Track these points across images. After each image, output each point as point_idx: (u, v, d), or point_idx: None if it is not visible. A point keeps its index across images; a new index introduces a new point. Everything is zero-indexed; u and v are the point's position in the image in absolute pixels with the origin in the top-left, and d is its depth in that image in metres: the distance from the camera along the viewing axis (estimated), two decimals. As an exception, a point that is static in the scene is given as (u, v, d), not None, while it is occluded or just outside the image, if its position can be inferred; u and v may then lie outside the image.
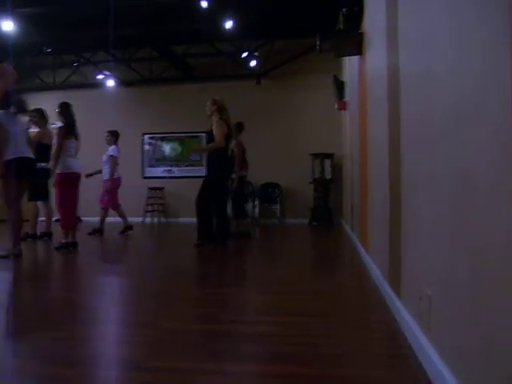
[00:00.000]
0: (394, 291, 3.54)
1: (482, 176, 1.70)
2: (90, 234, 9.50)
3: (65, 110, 7.39)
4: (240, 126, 8.83)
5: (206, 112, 7.64)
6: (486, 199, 1.68)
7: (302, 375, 2.40)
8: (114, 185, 9.75)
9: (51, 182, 7.43)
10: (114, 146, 9.73)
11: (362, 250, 6.23)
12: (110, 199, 9.79)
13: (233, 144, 8.36)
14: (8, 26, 9.50)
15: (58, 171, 7.22)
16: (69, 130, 7.32)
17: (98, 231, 9.61)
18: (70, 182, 7.28)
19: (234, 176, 8.72)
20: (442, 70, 2.19)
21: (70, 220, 7.33)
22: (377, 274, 4.54)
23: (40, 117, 8.37)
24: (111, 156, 9.61)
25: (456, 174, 1.99)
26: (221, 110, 7.55)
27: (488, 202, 1.65)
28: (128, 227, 9.91)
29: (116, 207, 9.94)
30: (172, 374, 2.41)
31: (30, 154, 6.53)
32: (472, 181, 1.80)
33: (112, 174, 9.62)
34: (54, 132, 7.59)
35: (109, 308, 4.03)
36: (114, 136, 9.83)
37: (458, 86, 1.97)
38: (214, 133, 7.40)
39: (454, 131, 2.01)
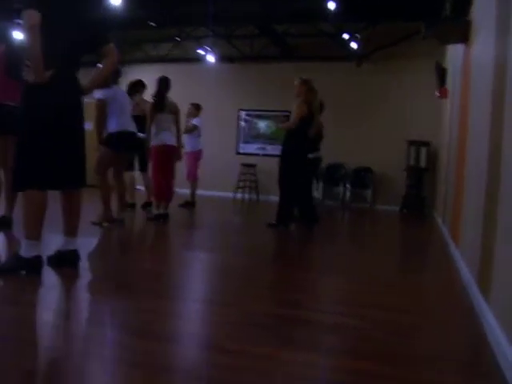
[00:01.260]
0: (482, 294, 3.41)
1: None
2: (181, 206, 9.69)
3: (158, 83, 7.54)
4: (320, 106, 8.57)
5: (294, 91, 7.52)
6: None
7: (369, 372, 2.37)
8: (195, 156, 9.88)
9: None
10: (198, 119, 9.88)
11: (453, 245, 6.04)
12: (189, 170, 9.90)
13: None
14: (116, 0, 9.79)
15: (153, 144, 7.40)
16: (159, 103, 7.45)
17: (190, 204, 9.79)
18: (163, 155, 7.43)
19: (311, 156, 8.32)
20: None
21: (162, 192, 7.51)
22: (465, 272, 4.40)
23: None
24: (196, 125, 9.75)
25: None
26: (309, 90, 7.42)
27: None
28: (192, 203, 9.83)
29: (192, 178, 9.98)
30: (247, 359, 2.44)
31: (132, 128, 6.71)
32: None
33: (192, 145, 9.72)
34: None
35: (193, 285, 4.12)
36: (196, 109, 9.98)
37: None
38: (292, 113, 7.40)
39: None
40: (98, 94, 6.35)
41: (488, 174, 3.62)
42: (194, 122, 9.78)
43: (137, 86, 8.49)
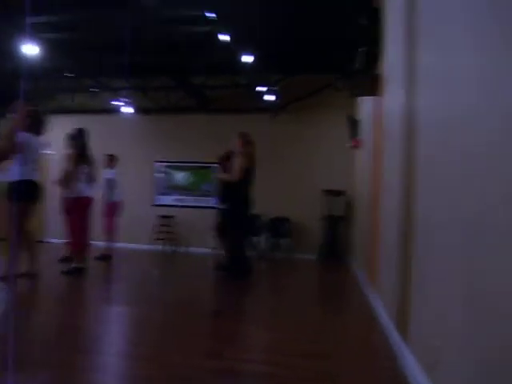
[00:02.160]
0: (401, 337, 3.47)
1: (494, 227, 1.67)
2: (97, 258, 9.43)
3: (77, 136, 7.47)
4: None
5: (235, 149, 7.77)
6: (499, 250, 1.64)
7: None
8: (114, 207, 9.73)
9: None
10: (113, 170, 9.84)
11: (370, 291, 6.15)
12: (107, 222, 9.75)
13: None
14: (33, 50, 9.62)
15: (73, 196, 7.28)
16: (79, 156, 7.37)
17: (106, 256, 9.52)
18: (79, 206, 7.30)
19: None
20: (462, 115, 2.17)
21: (78, 244, 7.32)
22: (384, 316, 4.47)
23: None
24: (111, 179, 9.67)
25: (468, 221, 1.96)
26: (247, 143, 7.72)
27: (502, 251, 1.62)
28: (108, 256, 9.59)
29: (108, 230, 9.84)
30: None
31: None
32: (483, 231, 1.77)
33: (107, 197, 9.59)
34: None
35: (111, 339, 3.98)
36: (111, 160, 9.97)
37: (477, 132, 1.95)
38: (233, 166, 7.58)
39: (469, 178, 1.98)
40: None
41: (401, 223, 3.74)
42: (109, 173, 9.68)
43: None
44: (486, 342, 1.76)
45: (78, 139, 7.46)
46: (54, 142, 12.89)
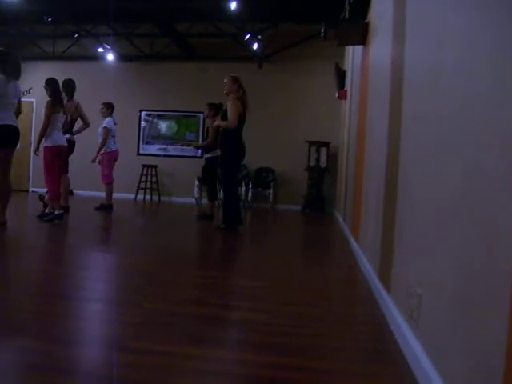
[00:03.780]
0: (383, 286, 3.52)
1: (489, 178, 1.67)
2: (97, 209, 9.41)
3: (52, 84, 7.38)
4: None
5: (224, 89, 7.41)
6: (490, 203, 1.64)
7: (280, 365, 2.38)
8: (108, 158, 9.60)
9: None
10: (108, 118, 9.61)
11: (353, 241, 6.21)
12: (102, 171, 9.62)
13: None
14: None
15: (49, 144, 7.21)
16: (58, 103, 7.34)
17: (105, 206, 9.46)
18: (56, 156, 7.29)
19: (209, 155, 9.00)
20: (450, 66, 2.15)
21: (55, 191, 7.32)
22: (366, 266, 4.53)
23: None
24: (104, 127, 9.47)
25: (456, 173, 1.95)
26: (239, 88, 7.36)
27: (492, 204, 1.62)
28: (108, 206, 9.51)
29: (106, 180, 9.68)
30: (153, 356, 2.38)
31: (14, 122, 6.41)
32: (475, 182, 1.76)
33: (102, 146, 9.45)
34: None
35: (95, 285, 4.00)
36: (109, 108, 9.71)
37: (466, 83, 1.93)
38: (228, 112, 7.20)
39: (457, 130, 1.97)
40: None
41: (386, 174, 3.75)
42: (104, 122, 9.50)
43: (73, 86, 8.50)
44: (467, 289, 1.78)
45: (52, 86, 7.37)
46: (35, 89, 12.73)
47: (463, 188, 1.88)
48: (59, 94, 7.47)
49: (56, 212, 7.21)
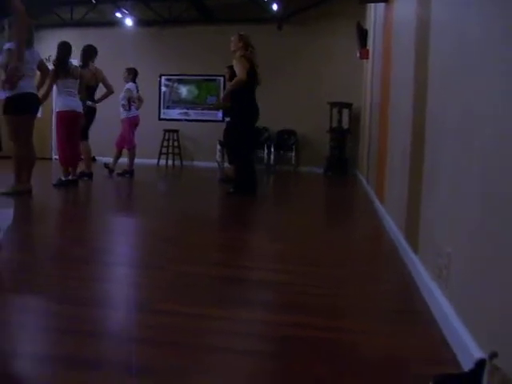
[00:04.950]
0: (410, 245, 3.47)
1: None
2: (120, 174, 9.40)
3: (58, 48, 7.47)
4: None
5: (231, 47, 7.26)
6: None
7: (306, 324, 2.36)
8: (129, 123, 9.57)
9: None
10: (130, 83, 9.54)
11: (378, 203, 6.15)
12: (124, 137, 9.58)
13: None
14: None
15: (57, 110, 7.36)
16: (61, 69, 7.30)
17: (127, 172, 9.47)
18: (68, 121, 7.31)
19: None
20: (476, 22, 2.06)
21: (67, 158, 7.39)
22: (392, 226, 4.47)
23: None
24: (127, 89, 9.41)
25: (486, 124, 1.88)
26: (246, 46, 7.16)
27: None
28: (130, 172, 9.49)
29: (128, 146, 9.66)
30: (180, 318, 2.38)
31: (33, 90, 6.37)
32: (507, 136, 1.69)
33: (128, 106, 9.40)
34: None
35: (119, 249, 4.01)
36: (130, 74, 9.64)
37: (493, 40, 1.84)
38: (235, 69, 7.03)
39: (489, 82, 1.89)
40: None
41: (412, 132, 3.66)
42: (128, 86, 9.44)
43: (90, 53, 8.47)
44: (499, 248, 1.73)
45: (57, 51, 7.37)
46: (53, 57, 12.66)
47: (494, 137, 1.82)
48: (63, 59, 7.40)
49: (63, 178, 7.26)
